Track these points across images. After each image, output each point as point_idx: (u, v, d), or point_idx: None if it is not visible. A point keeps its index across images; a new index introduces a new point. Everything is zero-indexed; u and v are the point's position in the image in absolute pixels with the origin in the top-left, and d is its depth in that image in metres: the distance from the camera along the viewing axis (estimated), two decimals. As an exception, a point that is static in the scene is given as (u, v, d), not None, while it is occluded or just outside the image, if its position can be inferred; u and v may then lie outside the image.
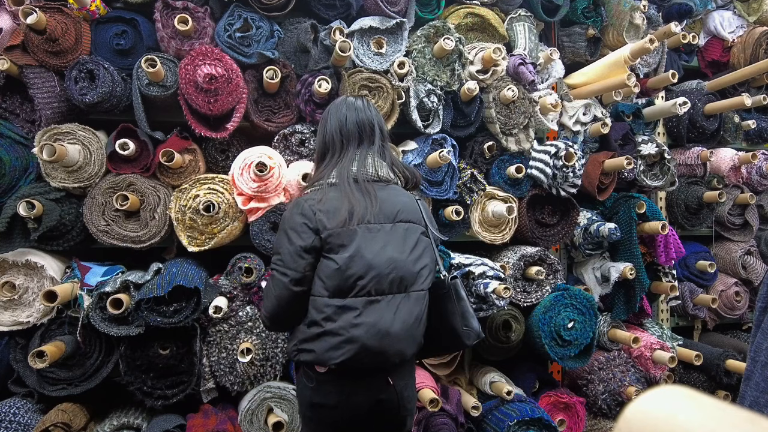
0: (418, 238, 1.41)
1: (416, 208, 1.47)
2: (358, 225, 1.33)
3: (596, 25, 2.45)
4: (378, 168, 1.45)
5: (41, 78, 1.79)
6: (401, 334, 1.32)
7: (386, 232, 1.36)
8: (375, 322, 1.29)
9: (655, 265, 2.48)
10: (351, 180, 1.39)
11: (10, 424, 1.68)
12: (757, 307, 0.91)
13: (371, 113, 1.50)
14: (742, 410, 0.35)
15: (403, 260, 1.35)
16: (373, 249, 1.33)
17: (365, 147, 1.46)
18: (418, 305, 1.37)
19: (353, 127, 1.45)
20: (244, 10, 1.94)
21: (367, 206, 1.36)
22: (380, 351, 1.29)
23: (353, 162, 1.43)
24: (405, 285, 1.35)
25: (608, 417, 2.29)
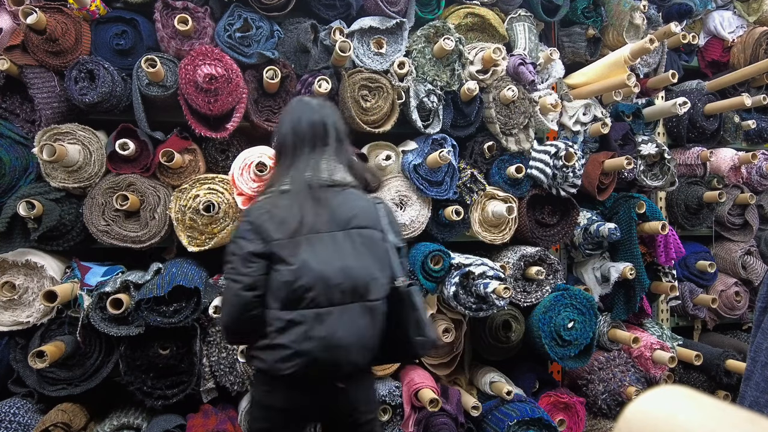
0: (373, 244, 1.37)
1: (374, 212, 1.42)
2: (307, 235, 1.30)
3: (596, 25, 2.45)
4: (333, 172, 1.39)
5: (41, 78, 1.79)
6: (355, 346, 1.29)
7: (338, 241, 1.32)
8: (326, 336, 1.26)
9: (655, 265, 2.48)
10: (304, 187, 1.35)
11: (10, 424, 1.68)
12: (757, 307, 0.91)
13: (326, 113, 1.45)
14: (742, 410, 0.35)
15: (355, 269, 1.31)
16: (322, 259, 1.29)
17: (319, 149, 1.41)
18: (374, 315, 1.33)
19: (306, 129, 1.41)
20: (244, 10, 1.94)
21: (316, 215, 1.32)
22: (332, 363, 1.28)
23: (307, 167, 1.38)
24: (359, 294, 1.31)
25: (608, 417, 2.29)
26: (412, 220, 2.10)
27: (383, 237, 1.42)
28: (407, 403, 1.96)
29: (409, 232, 2.11)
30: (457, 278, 2.02)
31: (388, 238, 1.42)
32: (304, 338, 1.25)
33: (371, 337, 1.33)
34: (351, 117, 1.97)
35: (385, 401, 1.97)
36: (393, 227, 1.47)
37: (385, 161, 2.01)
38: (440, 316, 2.12)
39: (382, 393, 1.97)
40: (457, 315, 2.12)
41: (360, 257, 1.33)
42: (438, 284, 2.10)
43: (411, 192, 2.10)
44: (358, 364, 1.32)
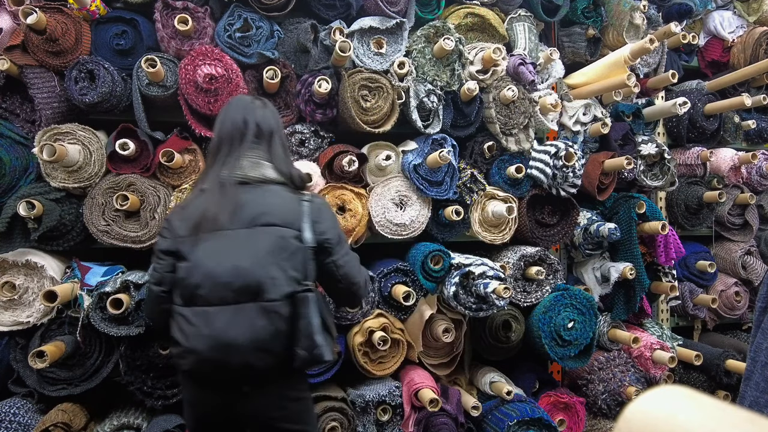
0: (280, 243, 1.32)
1: (293, 210, 1.38)
2: (209, 232, 1.31)
3: (596, 25, 2.45)
4: (250, 169, 1.38)
5: (41, 78, 1.79)
6: (247, 347, 1.25)
7: (239, 238, 1.31)
8: (216, 335, 1.24)
9: (655, 265, 2.48)
10: (216, 185, 1.36)
11: (10, 424, 1.68)
12: (757, 307, 0.91)
13: (252, 110, 1.45)
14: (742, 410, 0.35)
15: (250, 268, 1.28)
16: (215, 257, 1.29)
17: (241, 147, 1.40)
18: (272, 316, 1.27)
19: (229, 127, 1.42)
20: (244, 10, 1.94)
21: (221, 212, 1.32)
22: (222, 363, 1.25)
23: (225, 165, 1.39)
24: (253, 293, 1.27)
25: (608, 417, 2.29)
26: (412, 220, 2.10)
27: (297, 236, 1.35)
28: (407, 403, 1.96)
29: (409, 232, 2.11)
30: (457, 278, 2.02)
31: (303, 237, 1.36)
32: (195, 335, 1.26)
33: (271, 340, 1.27)
34: (351, 117, 1.97)
35: (385, 401, 1.97)
36: (320, 226, 1.39)
37: (385, 161, 2.01)
38: (440, 316, 2.12)
39: (382, 393, 1.97)
40: (457, 315, 2.12)
41: (259, 256, 1.30)
42: (438, 284, 2.11)
43: (411, 192, 2.10)
44: (256, 366, 1.27)
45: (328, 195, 1.98)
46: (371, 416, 1.97)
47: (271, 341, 1.27)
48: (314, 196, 1.47)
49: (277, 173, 1.43)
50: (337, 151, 1.99)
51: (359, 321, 2.00)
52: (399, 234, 2.10)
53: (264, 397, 1.33)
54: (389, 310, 2.07)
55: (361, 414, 1.96)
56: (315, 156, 2.05)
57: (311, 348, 1.28)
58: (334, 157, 2.00)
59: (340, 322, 1.99)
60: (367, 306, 2.00)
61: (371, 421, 1.97)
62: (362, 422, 1.95)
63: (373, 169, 2.09)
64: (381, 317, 2.03)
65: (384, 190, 2.08)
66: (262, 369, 1.28)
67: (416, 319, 2.08)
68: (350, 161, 1.94)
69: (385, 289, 2.03)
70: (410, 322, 2.10)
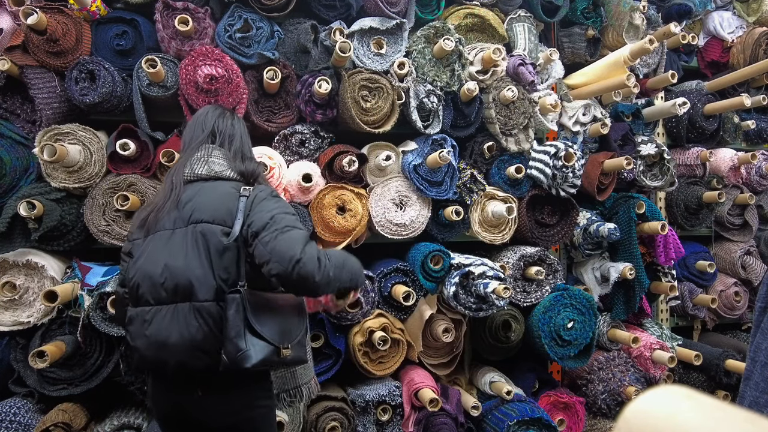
0: (208, 240, 1.28)
1: (226, 206, 1.32)
2: (155, 233, 1.34)
3: (596, 26, 2.45)
4: (198, 166, 1.39)
5: (42, 78, 1.79)
6: (180, 346, 1.23)
7: (175, 237, 1.31)
8: (153, 334, 1.26)
9: (655, 265, 2.48)
10: (168, 187, 1.40)
11: (10, 424, 1.68)
12: (756, 307, 0.91)
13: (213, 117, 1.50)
14: (742, 410, 0.35)
15: (178, 267, 1.26)
16: (152, 257, 1.31)
17: (194, 148, 1.44)
18: (204, 317, 1.24)
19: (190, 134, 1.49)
20: (245, 10, 1.94)
21: (165, 212, 1.35)
22: (160, 362, 1.26)
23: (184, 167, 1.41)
24: (184, 293, 1.26)
25: (608, 417, 2.29)
26: (412, 220, 2.10)
27: (228, 232, 1.29)
28: (407, 402, 1.96)
29: (409, 232, 2.11)
30: (457, 278, 2.02)
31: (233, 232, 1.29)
32: (137, 335, 1.30)
33: (206, 339, 1.24)
34: (351, 117, 1.97)
35: (385, 401, 1.97)
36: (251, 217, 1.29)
37: (385, 161, 2.01)
38: (440, 316, 2.12)
39: (382, 393, 1.97)
40: (457, 315, 2.13)
41: (189, 255, 1.28)
42: (438, 284, 2.11)
43: (411, 192, 2.11)
44: (193, 366, 1.24)
45: (328, 195, 1.98)
46: (371, 416, 1.97)
47: (205, 342, 1.24)
48: (257, 189, 1.37)
49: (228, 168, 1.41)
50: (337, 151, 1.99)
51: (359, 321, 2.00)
52: (399, 234, 2.10)
53: (218, 402, 1.30)
54: (389, 310, 2.07)
55: (361, 414, 1.96)
56: (315, 156, 2.05)
57: (233, 353, 1.21)
58: (334, 157, 2.00)
59: (341, 322, 1.99)
60: (367, 306, 2.00)
61: (371, 420, 1.97)
62: (362, 422, 1.96)
63: (373, 169, 2.09)
64: (381, 317, 2.03)
65: (384, 191, 2.08)
66: (201, 369, 1.25)
67: (416, 319, 2.08)
68: (350, 161, 1.94)
69: (385, 289, 2.03)
70: (410, 322, 2.11)
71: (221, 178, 1.39)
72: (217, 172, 1.40)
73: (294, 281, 1.20)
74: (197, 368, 1.25)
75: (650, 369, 2.34)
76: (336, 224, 1.97)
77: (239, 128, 1.54)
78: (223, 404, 1.31)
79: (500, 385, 2.09)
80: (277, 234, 1.23)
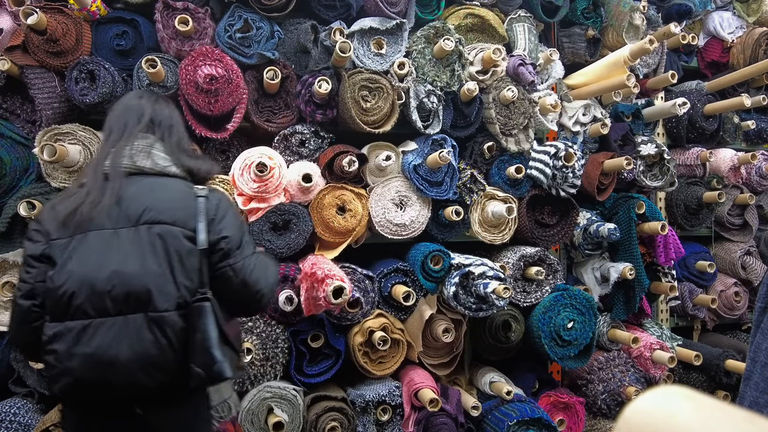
0: (170, 244, 1.17)
1: (182, 206, 1.22)
2: (86, 232, 1.15)
3: (596, 26, 2.45)
4: (139, 158, 1.22)
5: (42, 78, 1.79)
6: (132, 364, 1.09)
7: (121, 239, 1.15)
8: (93, 352, 1.08)
9: (655, 265, 2.48)
10: (100, 177, 1.20)
11: (10, 424, 1.68)
12: (756, 307, 0.91)
13: (147, 103, 1.33)
14: (742, 410, 0.36)
15: (132, 273, 1.12)
16: (92, 260, 1.12)
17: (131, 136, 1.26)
18: (164, 328, 1.12)
19: (119, 116, 1.30)
20: (245, 10, 1.94)
21: (97, 207, 1.16)
22: (103, 384, 1.09)
23: (109, 155, 1.23)
24: (138, 303, 1.12)
25: (608, 417, 2.29)
26: (412, 220, 2.10)
27: (190, 236, 1.20)
28: (407, 403, 1.96)
29: (409, 232, 2.11)
30: (457, 278, 2.02)
31: (198, 239, 1.20)
32: (68, 355, 1.09)
33: (162, 355, 1.12)
34: (351, 117, 1.97)
35: (385, 401, 1.97)
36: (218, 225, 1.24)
37: (385, 161, 2.01)
38: (440, 316, 2.12)
39: (382, 393, 1.97)
40: (457, 315, 2.12)
41: (144, 259, 1.14)
42: (438, 284, 2.11)
43: (411, 192, 2.11)
44: (145, 385, 1.11)
45: (328, 195, 1.98)
46: (371, 416, 1.97)
47: (162, 357, 1.12)
48: (213, 191, 1.31)
49: (173, 164, 1.27)
50: (337, 151, 2.00)
51: (359, 321, 2.00)
52: (399, 234, 2.10)
53: (161, 417, 1.18)
54: (389, 310, 2.07)
55: (361, 414, 1.96)
56: (315, 156, 2.05)
57: (209, 364, 1.12)
58: (334, 157, 2.00)
59: (341, 322, 1.99)
60: (367, 306, 2.00)
61: (371, 421, 1.97)
62: (362, 422, 1.96)
63: (373, 169, 2.09)
64: (381, 317, 2.03)
65: (384, 191, 2.08)
66: (154, 388, 1.12)
67: (416, 319, 2.08)
68: (350, 161, 1.94)
69: (385, 289, 2.03)
70: (410, 322, 2.11)
71: (166, 174, 1.26)
72: (162, 167, 1.25)
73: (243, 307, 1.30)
74: (150, 387, 1.12)
75: (650, 369, 2.34)
76: (336, 224, 1.97)
77: (177, 118, 1.39)
78: (170, 422, 1.20)
79: (500, 385, 2.09)
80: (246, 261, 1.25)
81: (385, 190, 2.08)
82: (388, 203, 2.08)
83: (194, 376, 1.13)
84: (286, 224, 1.96)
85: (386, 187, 2.09)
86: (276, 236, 1.94)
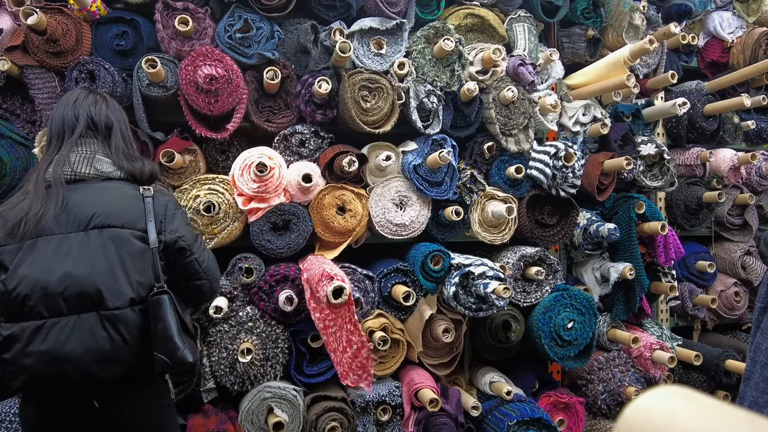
0: (121, 246, 1.25)
1: (130, 207, 1.30)
2: (35, 238, 1.21)
3: (596, 26, 2.45)
4: (81, 164, 1.29)
5: (42, 78, 1.80)
6: (86, 358, 1.16)
7: (71, 243, 1.22)
8: (48, 349, 1.15)
9: (655, 265, 2.48)
10: (41, 185, 1.26)
11: (10, 424, 1.68)
12: (756, 307, 0.91)
13: (85, 104, 1.36)
14: (742, 410, 0.36)
15: (83, 275, 1.19)
16: (43, 264, 1.19)
17: (71, 142, 1.31)
18: (115, 325, 1.20)
19: (59, 122, 1.34)
20: (245, 10, 1.94)
21: (44, 214, 1.22)
22: (59, 378, 1.16)
23: (51, 163, 1.30)
24: (91, 302, 1.19)
25: (608, 417, 2.29)
26: (412, 220, 2.10)
27: (141, 236, 1.29)
28: (407, 403, 1.96)
29: (409, 232, 2.11)
30: (457, 278, 2.02)
31: (149, 238, 1.29)
32: (23, 353, 1.16)
33: (116, 349, 1.20)
34: (351, 117, 1.97)
35: (385, 401, 1.97)
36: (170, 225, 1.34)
37: (385, 161, 2.01)
38: (440, 316, 2.12)
39: (382, 393, 1.97)
40: (457, 315, 2.13)
41: (94, 261, 1.21)
42: (438, 284, 2.11)
43: (411, 192, 2.11)
44: (101, 378, 1.19)
45: (328, 195, 1.98)
46: (371, 416, 1.97)
47: (115, 352, 1.20)
48: (158, 192, 1.39)
49: (116, 168, 1.35)
50: (337, 151, 2.00)
51: (359, 321, 2.00)
52: (399, 234, 2.10)
53: (119, 409, 1.25)
54: (389, 310, 2.07)
55: (361, 414, 1.96)
56: (315, 156, 2.05)
57: (172, 352, 1.22)
58: (334, 157, 2.00)
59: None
60: (367, 306, 2.00)
61: (371, 421, 1.97)
62: (362, 422, 1.96)
63: (373, 169, 2.09)
64: (381, 317, 2.03)
65: (384, 191, 2.08)
66: (110, 380, 1.20)
67: (416, 319, 2.08)
68: (350, 162, 1.94)
69: (385, 289, 2.03)
70: (410, 323, 2.11)
71: (111, 178, 1.33)
72: (107, 172, 1.33)
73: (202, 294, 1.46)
74: (105, 380, 1.19)
75: (650, 369, 2.34)
76: (336, 224, 1.97)
77: (117, 117, 1.42)
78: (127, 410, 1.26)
79: (500, 385, 2.09)
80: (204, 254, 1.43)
81: (385, 190, 2.08)
82: (388, 203, 2.08)
83: (159, 363, 1.21)
84: (286, 224, 1.96)
85: (386, 187, 2.09)
86: (276, 236, 1.94)
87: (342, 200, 1.99)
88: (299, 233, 1.95)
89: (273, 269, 1.91)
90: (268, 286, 1.88)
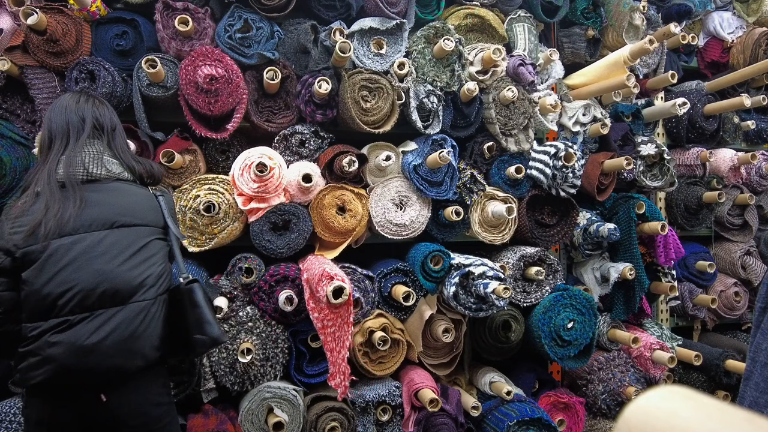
0: (144, 242, 1.33)
1: (149, 207, 1.39)
2: (59, 238, 1.23)
3: (596, 26, 2.45)
4: (92, 165, 1.33)
5: (42, 79, 1.80)
6: (111, 350, 1.21)
7: (98, 241, 1.26)
8: (75, 340, 1.19)
9: (655, 265, 2.48)
10: (55, 186, 1.28)
11: (10, 425, 1.68)
12: (756, 307, 0.91)
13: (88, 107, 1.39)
14: (742, 410, 0.36)
15: (115, 271, 1.25)
16: (74, 264, 1.22)
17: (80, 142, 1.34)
18: (139, 316, 1.26)
19: (63, 123, 1.35)
20: (245, 10, 1.95)
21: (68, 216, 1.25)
22: (85, 369, 1.20)
23: (60, 163, 1.31)
24: (121, 297, 1.25)
25: (608, 417, 2.29)
26: (412, 220, 2.10)
27: (162, 233, 1.41)
28: (407, 403, 1.96)
29: (409, 232, 2.11)
30: (457, 278, 2.02)
31: (172, 232, 1.42)
32: (50, 344, 1.19)
33: (139, 339, 1.26)
34: (351, 117, 1.97)
35: (385, 401, 1.97)
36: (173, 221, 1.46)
37: (385, 162, 2.01)
38: (440, 316, 2.12)
39: (382, 393, 1.97)
40: (457, 315, 2.13)
41: (124, 258, 1.28)
42: (438, 284, 2.11)
43: (411, 192, 2.11)
44: (123, 368, 1.24)
45: (328, 195, 1.98)
46: (371, 416, 1.97)
47: (140, 341, 1.26)
48: (163, 191, 1.50)
49: (125, 169, 1.40)
50: (337, 151, 2.00)
51: (359, 321, 2.00)
52: (399, 234, 2.10)
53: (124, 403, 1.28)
54: (389, 311, 2.07)
55: (361, 414, 1.96)
56: (315, 156, 2.05)
57: (211, 332, 1.32)
58: (334, 157, 2.00)
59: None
60: (367, 306, 2.00)
61: (371, 421, 1.97)
62: (362, 422, 1.96)
63: (373, 169, 2.09)
64: (381, 317, 2.03)
65: (384, 191, 2.08)
66: (133, 370, 1.26)
67: (416, 319, 2.08)
68: (350, 162, 1.94)
69: (385, 290, 2.03)
70: (410, 322, 2.11)
71: (120, 179, 1.38)
72: (116, 173, 1.37)
73: None
74: (131, 369, 1.26)
75: (650, 369, 2.34)
76: (336, 224, 1.97)
77: (115, 118, 1.47)
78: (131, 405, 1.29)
79: (500, 385, 2.09)
80: None
81: (385, 190, 2.08)
82: (388, 203, 2.08)
83: (199, 344, 1.32)
84: (286, 224, 1.96)
85: (386, 187, 2.09)
86: (276, 236, 1.94)
87: (342, 200, 1.99)
88: (299, 233, 1.95)
89: (273, 269, 1.91)
90: (268, 286, 1.88)
